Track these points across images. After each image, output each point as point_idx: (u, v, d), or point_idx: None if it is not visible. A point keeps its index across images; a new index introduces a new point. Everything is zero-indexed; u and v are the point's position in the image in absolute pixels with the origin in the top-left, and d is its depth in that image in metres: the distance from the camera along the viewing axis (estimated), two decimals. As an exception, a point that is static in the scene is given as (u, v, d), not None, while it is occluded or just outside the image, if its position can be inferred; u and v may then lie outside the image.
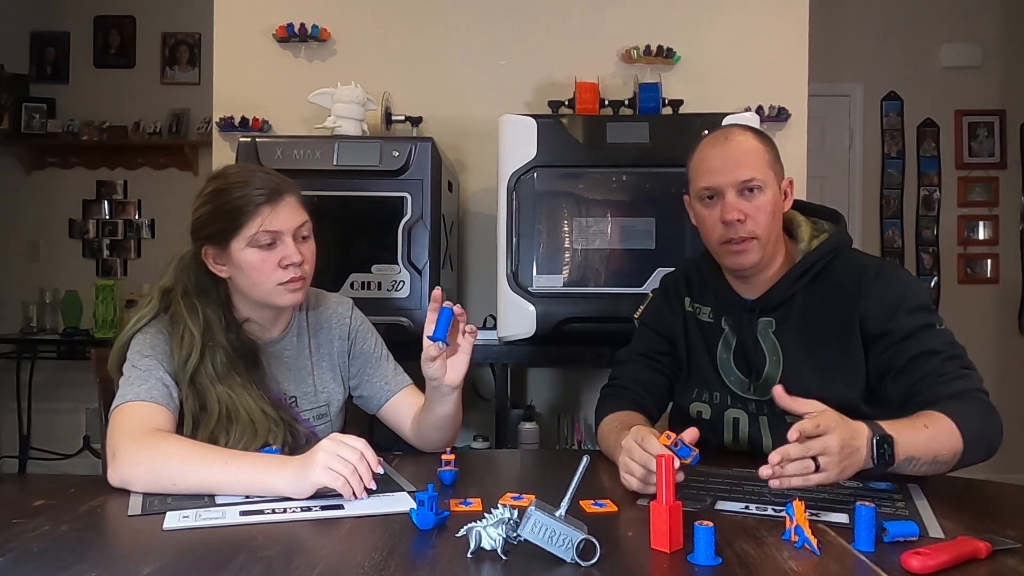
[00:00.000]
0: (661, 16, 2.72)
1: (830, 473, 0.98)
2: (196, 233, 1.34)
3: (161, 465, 1.10)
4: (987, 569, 0.81)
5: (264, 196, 1.28)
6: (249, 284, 1.32)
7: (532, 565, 0.81)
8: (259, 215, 1.28)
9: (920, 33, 4.24)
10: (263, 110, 2.72)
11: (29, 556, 0.85)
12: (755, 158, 1.31)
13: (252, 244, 1.29)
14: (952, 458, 1.12)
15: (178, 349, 1.28)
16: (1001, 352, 4.19)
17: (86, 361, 1.35)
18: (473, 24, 2.75)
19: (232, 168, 1.39)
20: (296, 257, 1.29)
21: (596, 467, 1.24)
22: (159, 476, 1.09)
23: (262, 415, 1.28)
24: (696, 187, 1.35)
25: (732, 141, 1.33)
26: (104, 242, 4.42)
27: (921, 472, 1.11)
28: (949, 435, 1.12)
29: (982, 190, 4.30)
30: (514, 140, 2.22)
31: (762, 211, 1.30)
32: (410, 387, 1.53)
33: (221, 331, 1.31)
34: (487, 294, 2.44)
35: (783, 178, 1.36)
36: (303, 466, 1.07)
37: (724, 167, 1.30)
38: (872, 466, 1.04)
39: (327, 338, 1.48)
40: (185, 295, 1.33)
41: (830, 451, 0.98)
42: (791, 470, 0.98)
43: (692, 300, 1.47)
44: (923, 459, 1.09)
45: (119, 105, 4.34)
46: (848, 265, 1.34)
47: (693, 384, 1.45)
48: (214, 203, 1.31)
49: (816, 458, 0.98)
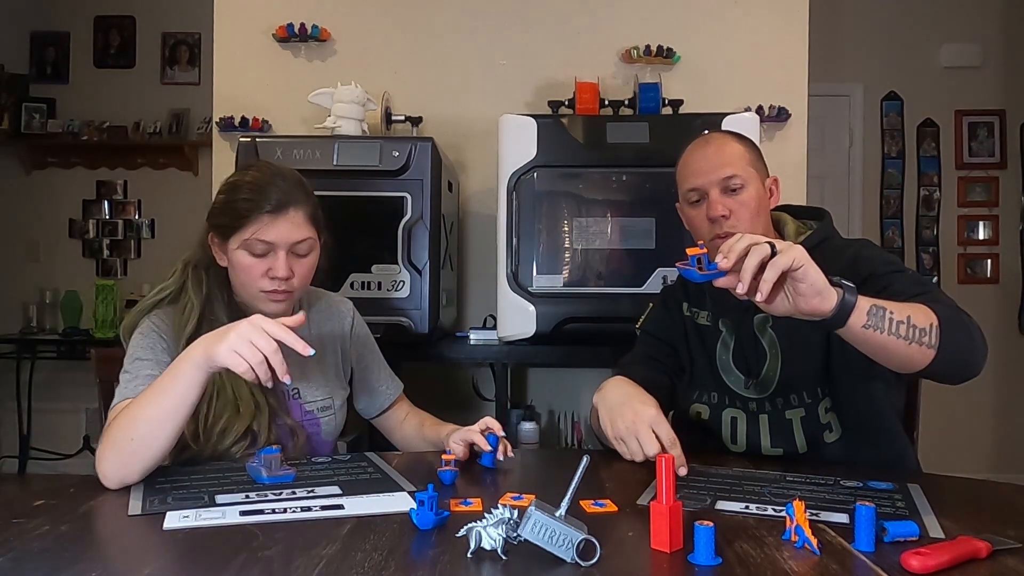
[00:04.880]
0: (661, 16, 2.72)
1: (785, 253, 1.00)
2: (208, 217, 1.37)
3: (115, 436, 1.12)
4: (987, 569, 0.81)
5: (267, 204, 1.28)
6: (238, 283, 1.35)
7: (532, 565, 0.81)
8: (257, 223, 1.28)
9: (920, 33, 4.25)
10: (263, 110, 2.73)
11: (29, 556, 0.85)
12: (735, 157, 1.37)
13: (244, 248, 1.30)
14: (928, 328, 1.08)
15: (180, 317, 1.32)
16: (1001, 352, 4.19)
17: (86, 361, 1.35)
18: (473, 24, 2.75)
19: (263, 165, 1.40)
20: (282, 272, 1.29)
21: (596, 467, 1.24)
22: (120, 448, 1.10)
23: (249, 395, 1.30)
24: (683, 190, 1.42)
25: (713, 144, 1.40)
26: (104, 242, 4.43)
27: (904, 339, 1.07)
28: (919, 307, 1.10)
29: (982, 190, 4.30)
30: (514, 140, 2.22)
31: (745, 207, 1.35)
32: (401, 397, 1.59)
33: (222, 307, 1.35)
34: (487, 294, 2.44)
35: (767, 176, 1.41)
36: (211, 343, 1.09)
37: (706, 167, 1.37)
38: (835, 303, 1.03)
39: (329, 335, 1.48)
40: (196, 268, 1.37)
41: (778, 246, 1.01)
42: (748, 263, 1.00)
43: (690, 305, 1.49)
44: (897, 315, 1.06)
45: (119, 105, 4.34)
46: (830, 252, 1.36)
47: (694, 387, 1.46)
48: (227, 195, 1.34)
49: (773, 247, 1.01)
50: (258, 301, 1.34)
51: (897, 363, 1.12)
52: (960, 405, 3.85)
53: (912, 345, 1.08)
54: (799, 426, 1.35)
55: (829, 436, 1.34)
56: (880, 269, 1.28)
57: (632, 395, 1.26)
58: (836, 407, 1.34)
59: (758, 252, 1.01)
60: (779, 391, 1.36)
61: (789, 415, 1.36)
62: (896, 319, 1.06)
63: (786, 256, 1.00)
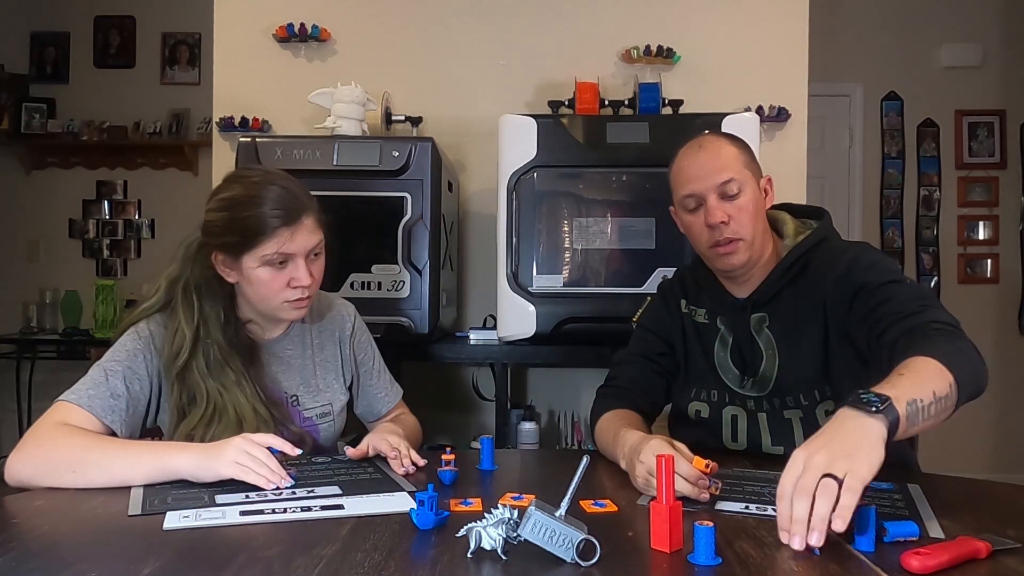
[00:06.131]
0: (661, 16, 2.72)
1: (836, 471, 0.84)
2: (208, 236, 1.31)
3: (60, 457, 1.11)
4: (987, 569, 0.81)
5: (282, 218, 1.26)
6: (256, 297, 1.32)
7: (532, 565, 0.81)
8: (276, 237, 1.26)
9: (920, 33, 4.25)
10: (263, 110, 2.73)
11: (29, 556, 0.85)
12: (730, 160, 1.35)
13: (265, 263, 1.28)
14: (951, 390, 1.02)
15: (169, 345, 1.29)
16: (1001, 352, 4.19)
17: (86, 361, 1.35)
18: (473, 24, 2.75)
19: (254, 175, 1.33)
20: (305, 280, 1.29)
21: (596, 467, 1.24)
22: (57, 466, 1.10)
23: (252, 413, 1.28)
24: (679, 196, 1.40)
25: (706, 148, 1.37)
26: (104, 242, 4.43)
27: (935, 417, 1.00)
28: (933, 369, 1.03)
29: (982, 190, 4.30)
30: (514, 140, 2.22)
31: (744, 211, 1.34)
32: (398, 405, 1.59)
33: (218, 327, 1.31)
34: (487, 294, 2.44)
35: (761, 177, 1.40)
36: (209, 455, 1.10)
37: (702, 173, 1.35)
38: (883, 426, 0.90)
39: (330, 339, 1.48)
40: (186, 290, 1.32)
41: (810, 465, 0.86)
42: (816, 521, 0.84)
43: (688, 302, 1.49)
44: (925, 398, 0.98)
45: (119, 105, 4.35)
46: (828, 254, 1.36)
47: (691, 384, 1.46)
48: (231, 212, 1.28)
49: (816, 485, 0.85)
50: (279, 312, 1.33)
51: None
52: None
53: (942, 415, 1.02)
54: (799, 426, 1.35)
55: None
56: (878, 279, 1.26)
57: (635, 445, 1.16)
58: (838, 396, 1.33)
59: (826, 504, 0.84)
60: (776, 391, 1.36)
61: (787, 415, 1.36)
62: (927, 400, 0.98)
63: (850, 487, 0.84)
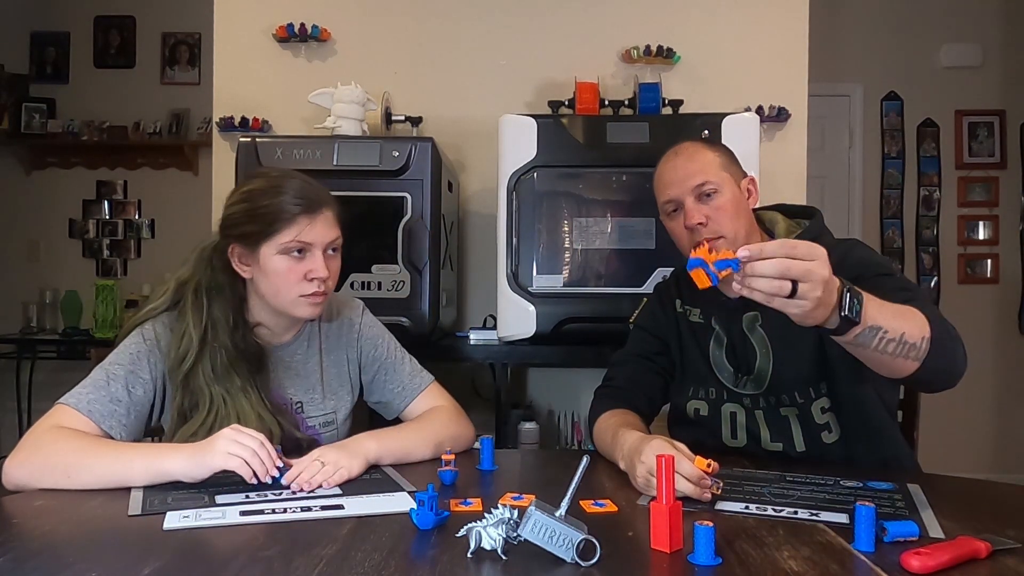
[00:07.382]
0: (661, 16, 2.72)
1: (805, 304, 0.94)
2: (226, 229, 1.33)
3: (55, 461, 1.11)
4: (987, 569, 0.81)
5: (303, 206, 1.28)
6: (272, 291, 1.31)
7: (532, 565, 0.81)
8: (296, 224, 1.27)
9: (920, 33, 4.25)
10: (263, 110, 2.73)
11: (29, 556, 0.85)
12: (705, 164, 1.38)
13: (283, 252, 1.28)
14: (920, 342, 1.06)
15: (175, 347, 1.28)
16: (1001, 352, 4.19)
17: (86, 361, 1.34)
18: (473, 24, 2.75)
19: (274, 171, 1.38)
20: (323, 272, 1.29)
21: (596, 467, 1.25)
22: (53, 469, 1.11)
23: (256, 419, 1.27)
24: (660, 202, 1.43)
25: (682, 154, 1.40)
26: (104, 242, 4.43)
27: (888, 353, 1.05)
28: (915, 318, 1.08)
29: (982, 190, 4.30)
30: (514, 140, 2.22)
31: (722, 211, 1.35)
32: (428, 389, 1.48)
33: (227, 331, 1.30)
34: (487, 294, 2.44)
35: (743, 178, 1.41)
36: (201, 451, 1.10)
37: (678, 178, 1.38)
38: (837, 322, 0.99)
39: (337, 345, 1.46)
40: (196, 292, 1.32)
41: (813, 277, 0.93)
42: (761, 285, 0.94)
43: (683, 302, 1.50)
44: (890, 333, 1.03)
45: (119, 105, 4.34)
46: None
47: (688, 383, 1.47)
48: (251, 203, 1.30)
49: (796, 283, 0.93)
50: (293, 307, 1.31)
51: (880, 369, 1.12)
52: (960, 405, 3.85)
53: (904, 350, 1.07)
54: (796, 424, 1.36)
55: (828, 437, 1.34)
56: (868, 272, 1.27)
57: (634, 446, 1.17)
58: (835, 408, 1.34)
59: (774, 292, 0.95)
60: (772, 389, 1.36)
61: (784, 412, 1.36)
62: (890, 336, 1.04)
63: (803, 307, 0.95)
